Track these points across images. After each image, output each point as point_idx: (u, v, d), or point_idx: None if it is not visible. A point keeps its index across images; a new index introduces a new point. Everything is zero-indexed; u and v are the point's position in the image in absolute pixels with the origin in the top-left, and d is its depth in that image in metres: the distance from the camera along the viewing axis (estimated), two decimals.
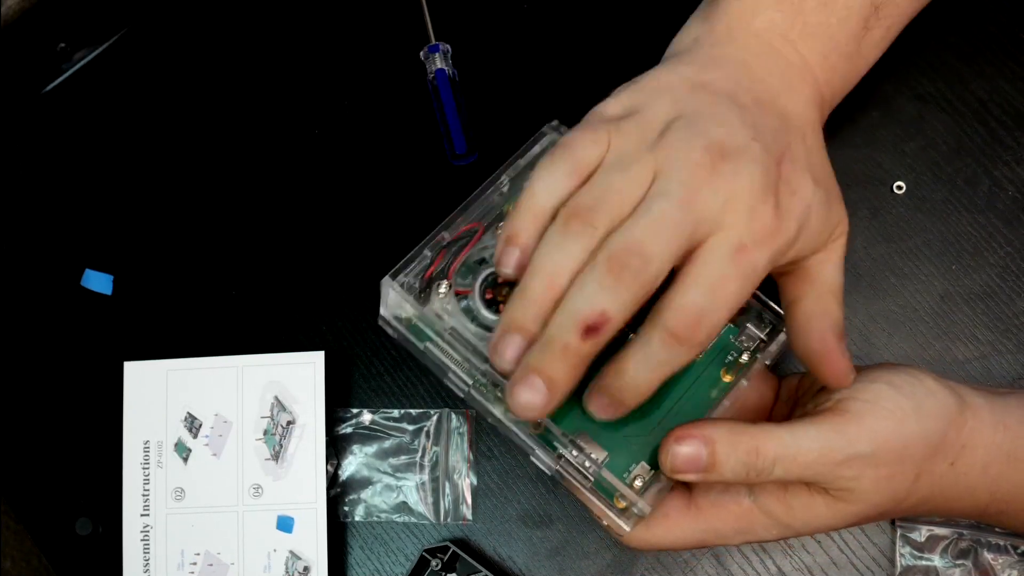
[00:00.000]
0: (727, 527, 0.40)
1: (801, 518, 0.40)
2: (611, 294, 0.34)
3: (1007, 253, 0.54)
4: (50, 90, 0.60)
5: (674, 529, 0.40)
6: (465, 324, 0.40)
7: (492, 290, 0.40)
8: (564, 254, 0.35)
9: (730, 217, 0.35)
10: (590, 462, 0.39)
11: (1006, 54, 0.55)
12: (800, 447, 0.38)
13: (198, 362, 0.54)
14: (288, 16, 0.60)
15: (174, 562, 0.52)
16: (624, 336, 0.37)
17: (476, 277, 0.41)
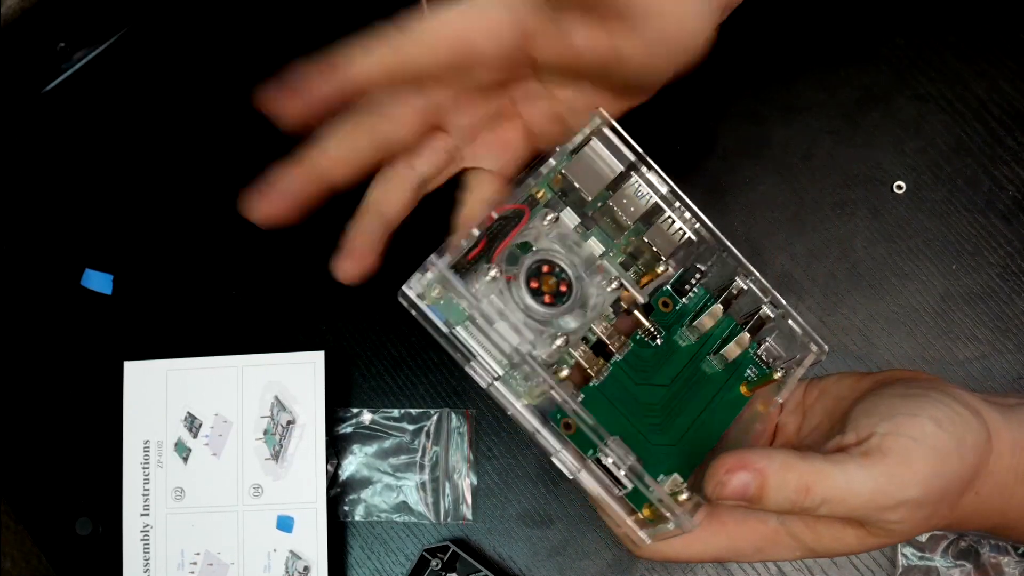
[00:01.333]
0: (748, 545, 0.39)
1: (827, 545, 0.39)
2: None
3: (1007, 253, 0.54)
4: (50, 90, 0.60)
5: (693, 544, 0.39)
6: (512, 311, 0.39)
7: (536, 279, 0.39)
8: None
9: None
10: (626, 468, 0.37)
11: (1006, 54, 0.55)
12: (851, 490, 0.36)
13: (198, 362, 0.54)
14: (288, 16, 0.60)
15: (174, 562, 0.52)
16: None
17: (521, 264, 0.39)
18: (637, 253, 0.41)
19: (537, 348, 0.38)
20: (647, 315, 0.40)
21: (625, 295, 0.40)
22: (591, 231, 0.41)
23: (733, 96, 0.56)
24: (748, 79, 0.56)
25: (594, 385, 0.39)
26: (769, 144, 0.56)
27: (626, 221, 0.40)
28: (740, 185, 0.55)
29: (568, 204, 0.40)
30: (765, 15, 0.57)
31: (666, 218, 0.41)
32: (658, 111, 0.47)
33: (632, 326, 0.40)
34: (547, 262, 0.39)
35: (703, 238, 0.41)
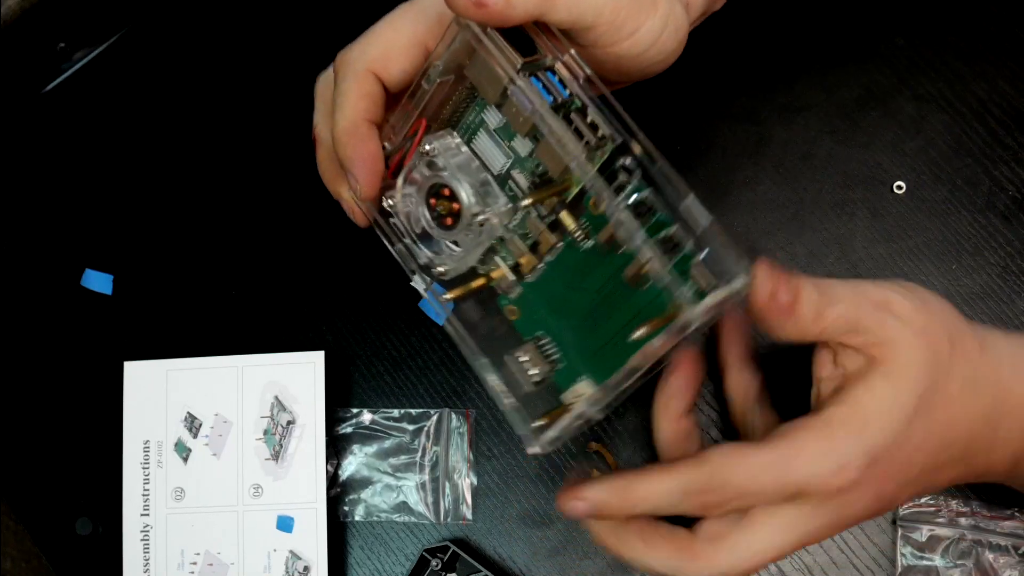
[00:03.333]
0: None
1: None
2: (315, 111, 0.45)
3: (1007, 253, 0.54)
4: (50, 90, 0.60)
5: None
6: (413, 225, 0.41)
7: (436, 199, 0.40)
8: None
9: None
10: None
11: (1006, 54, 0.55)
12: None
13: (198, 362, 0.54)
14: (288, 16, 0.60)
15: (174, 562, 0.52)
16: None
17: (421, 188, 0.40)
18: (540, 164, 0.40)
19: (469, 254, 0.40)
20: (576, 216, 0.40)
21: (548, 200, 0.40)
22: (515, 135, 0.40)
23: (733, 96, 0.56)
24: (748, 79, 0.56)
25: (528, 282, 0.42)
26: (769, 144, 0.56)
27: (524, 127, 0.39)
28: (740, 185, 0.55)
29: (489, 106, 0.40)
30: (765, 15, 0.57)
31: (555, 126, 0.37)
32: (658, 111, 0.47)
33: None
34: (441, 185, 0.40)
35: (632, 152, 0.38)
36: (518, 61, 0.38)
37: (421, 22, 0.41)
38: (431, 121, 0.41)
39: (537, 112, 0.37)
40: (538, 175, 0.40)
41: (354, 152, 0.41)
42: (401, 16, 0.42)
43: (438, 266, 0.41)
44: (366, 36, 0.42)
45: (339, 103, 0.41)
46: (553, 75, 0.38)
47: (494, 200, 0.40)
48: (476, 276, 0.43)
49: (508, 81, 0.38)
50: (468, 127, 0.41)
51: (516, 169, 0.40)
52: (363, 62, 0.41)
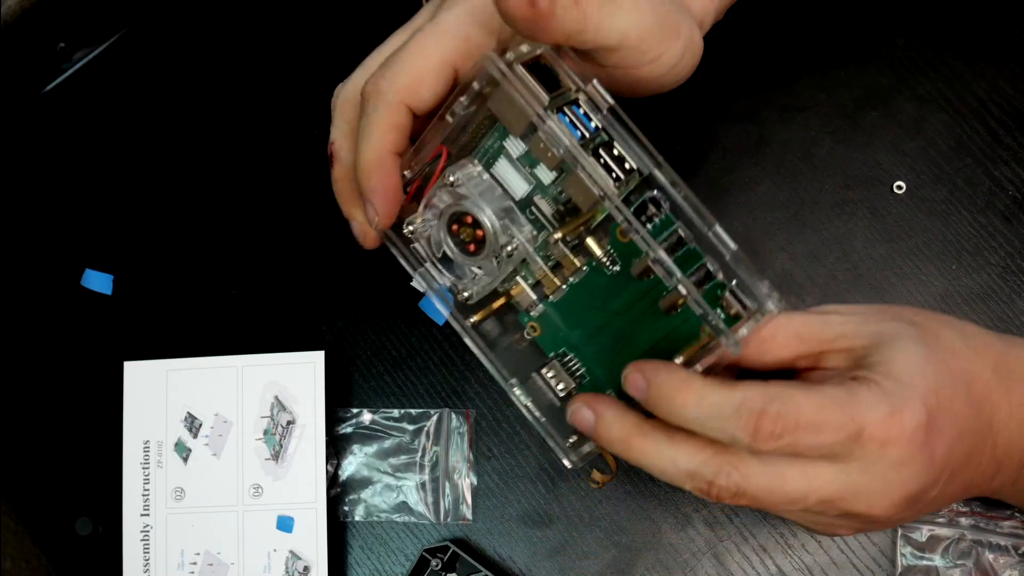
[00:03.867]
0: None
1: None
2: (332, 125, 0.44)
3: (1007, 253, 0.54)
4: (50, 90, 0.60)
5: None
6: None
7: (457, 224, 0.41)
8: None
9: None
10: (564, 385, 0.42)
11: (1006, 54, 0.55)
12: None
13: (198, 362, 0.54)
14: (288, 16, 0.60)
15: (174, 562, 0.52)
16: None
17: (442, 214, 0.41)
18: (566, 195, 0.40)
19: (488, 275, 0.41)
20: (602, 241, 0.40)
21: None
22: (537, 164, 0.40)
23: (733, 96, 0.56)
24: (748, 79, 0.56)
25: (550, 301, 0.42)
26: (769, 144, 0.56)
27: (552, 162, 0.39)
28: (740, 185, 0.55)
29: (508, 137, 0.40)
30: (765, 15, 0.57)
31: (586, 165, 0.37)
32: (658, 111, 0.47)
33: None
34: (463, 213, 0.40)
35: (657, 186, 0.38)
36: (545, 98, 0.37)
37: (448, 43, 0.41)
38: (449, 144, 0.41)
39: (569, 152, 0.37)
40: (562, 202, 0.40)
41: (378, 184, 0.41)
42: (427, 40, 0.41)
43: (462, 291, 0.42)
44: (395, 64, 0.41)
45: (366, 132, 0.41)
46: (577, 107, 0.38)
47: (519, 227, 0.40)
48: (497, 295, 0.43)
49: (536, 118, 0.37)
50: (488, 152, 0.41)
51: (539, 195, 0.40)
52: (394, 93, 0.40)
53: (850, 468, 0.37)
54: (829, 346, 0.41)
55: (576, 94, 0.38)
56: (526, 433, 0.54)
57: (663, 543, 0.52)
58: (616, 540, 0.53)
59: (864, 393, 0.37)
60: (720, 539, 0.52)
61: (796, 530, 0.52)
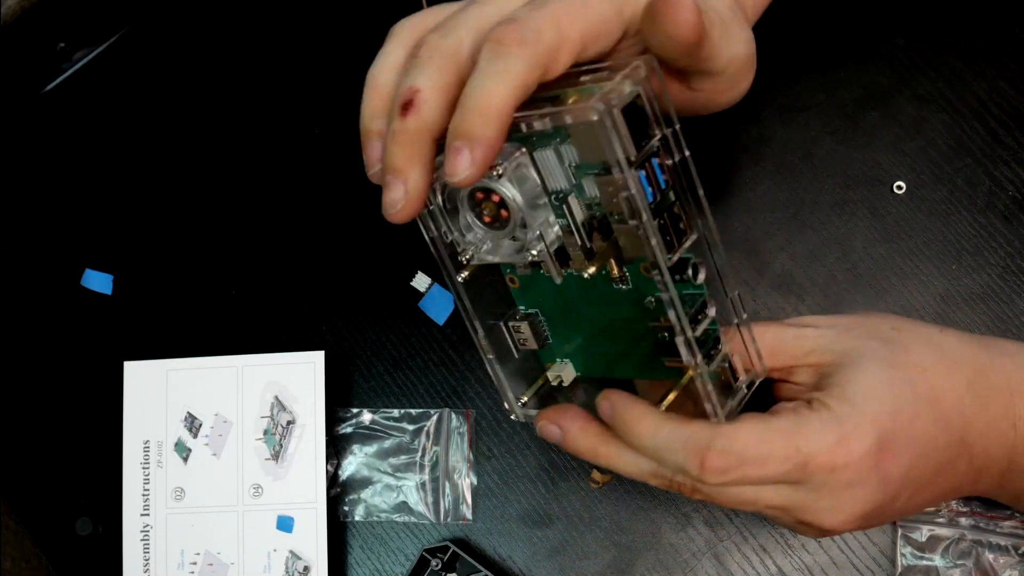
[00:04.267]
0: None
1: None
2: (418, 71, 0.36)
3: (1007, 253, 0.54)
4: (50, 90, 0.60)
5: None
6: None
7: (483, 194, 0.39)
8: (385, 57, 0.39)
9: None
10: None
11: (1006, 54, 0.55)
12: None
13: (198, 362, 0.54)
14: (288, 16, 0.60)
15: (174, 562, 0.52)
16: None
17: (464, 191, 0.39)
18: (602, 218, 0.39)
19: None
20: (621, 265, 0.40)
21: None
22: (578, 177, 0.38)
23: None
24: None
25: (541, 272, 0.41)
26: (769, 144, 0.56)
27: (614, 206, 0.37)
28: (740, 185, 0.55)
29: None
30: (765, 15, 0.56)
31: (649, 229, 0.36)
32: None
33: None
34: (491, 191, 0.38)
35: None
36: (633, 154, 0.35)
37: (591, 17, 0.37)
38: None
39: (638, 213, 0.36)
40: (597, 216, 0.38)
41: (496, 134, 0.34)
42: (573, 7, 0.36)
43: (462, 250, 0.40)
44: (539, 19, 0.35)
45: (499, 76, 0.34)
46: (656, 160, 0.37)
47: (546, 226, 0.39)
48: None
49: (617, 171, 0.35)
50: (541, 138, 0.38)
51: (574, 195, 0.38)
52: (543, 46, 0.35)
53: (799, 488, 0.39)
54: (800, 361, 0.42)
55: (658, 142, 0.37)
56: (526, 433, 0.54)
57: (663, 543, 0.52)
58: (616, 540, 0.53)
59: (813, 421, 0.38)
60: (720, 539, 0.52)
61: None
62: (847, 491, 0.39)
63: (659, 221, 0.37)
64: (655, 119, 0.36)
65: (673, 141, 0.37)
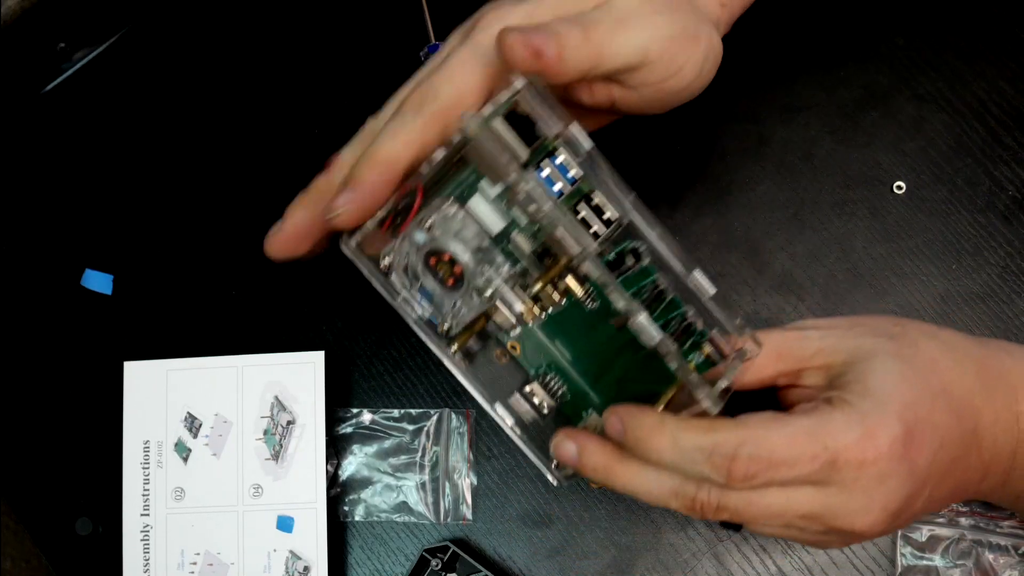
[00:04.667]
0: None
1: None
2: (347, 146, 0.43)
3: (1007, 253, 0.54)
4: (50, 90, 0.60)
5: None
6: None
7: (436, 257, 0.39)
8: None
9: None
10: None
11: (1006, 54, 0.55)
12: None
13: (198, 362, 0.54)
14: (288, 16, 0.60)
15: (174, 562, 0.52)
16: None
17: (419, 252, 0.39)
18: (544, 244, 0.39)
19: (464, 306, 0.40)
20: (582, 281, 0.40)
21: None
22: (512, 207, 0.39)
23: (733, 96, 0.56)
24: (748, 79, 0.56)
25: (529, 326, 0.42)
26: (769, 144, 0.56)
27: (531, 215, 0.38)
28: (740, 185, 0.55)
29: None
30: (765, 15, 0.57)
31: (565, 224, 0.37)
32: None
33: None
34: (440, 251, 0.39)
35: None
36: (523, 156, 0.37)
37: (489, 64, 0.40)
38: (425, 180, 0.39)
39: (546, 215, 0.37)
40: (540, 241, 0.39)
41: (378, 179, 0.39)
42: (469, 60, 0.40)
43: (443, 323, 0.41)
44: (437, 79, 0.40)
45: (391, 132, 0.39)
46: (556, 158, 0.38)
47: (496, 267, 0.39)
48: (476, 317, 0.42)
49: (512, 178, 0.37)
50: (464, 184, 0.40)
51: (516, 231, 0.39)
52: (437, 103, 0.39)
53: (830, 490, 0.38)
54: (808, 363, 0.41)
55: (556, 141, 0.38)
56: None
57: (663, 543, 0.52)
58: (616, 540, 0.53)
59: (836, 418, 0.38)
60: (720, 539, 0.52)
61: None
62: (879, 486, 0.38)
63: (579, 216, 0.37)
64: (545, 121, 0.38)
65: (576, 139, 0.38)
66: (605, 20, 0.40)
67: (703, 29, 0.43)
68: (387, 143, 0.39)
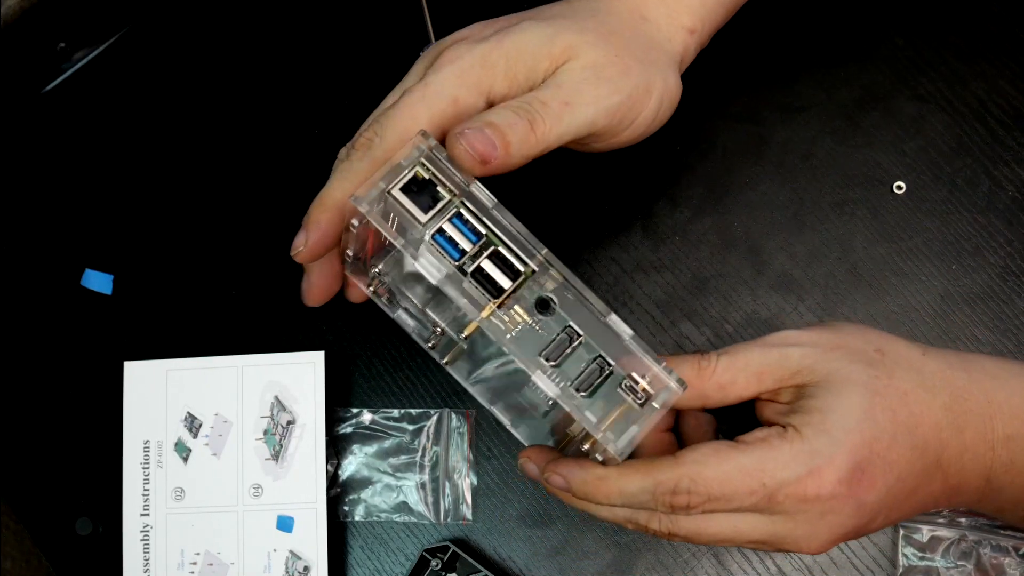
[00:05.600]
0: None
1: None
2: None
3: (1007, 253, 0.54)
4: (50, 90, 0.60)
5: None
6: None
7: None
8: None
9: None
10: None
11: (1006, 54, 0.55)
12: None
13: (198, 362, 0.54)
14: (288, 16, 0.60)
15: (174, 562, 0.52)
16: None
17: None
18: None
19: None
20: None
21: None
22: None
23: (733, 96, 0.56)
24: (748, 79, 0.56)
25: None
26: (769, 144, 0.56)
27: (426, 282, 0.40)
28: (740, 185, 0.55)
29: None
30: (765, 15, 0.57)
31: (454, 297, 0.38)
32: None
33: None
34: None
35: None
36: (419, 225, 0.38)
37: (437, 106, 0.41)
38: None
39: (437, 287, 0.38)
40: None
41: (325, 225, 0.41)
42: (417, 102, 0.42)
43: (429, 340, 0.43)
44: (385, 121, 0.42)
45: (341, 175, 0.42)
46: (459, 220, 0.39)
47: (441, 311, 0.42)
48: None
49: (409, 255, 0.39)
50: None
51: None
52: (382, 150, 0.41)
53: (775, 518, 0.40)
54: (786, 383, 0.41)
55: (458, 201, 0.39)
56: None
57: (663, 543, 0.52)
58: (616, 540, 0.53)
59: (783, 453, 0.39)
60: None
61: None
62: (822, 519, 0.39)
63: (484, 275, 0.38)
64: (445, 183, 0.39)
65: (479, 198, 0.39)
66: (551, 104, 0.41)
67: (656, 79, 0.44)
68: (335, 187, 0.42)
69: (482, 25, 0.45)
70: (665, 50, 0.46)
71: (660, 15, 0.46)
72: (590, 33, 0.43)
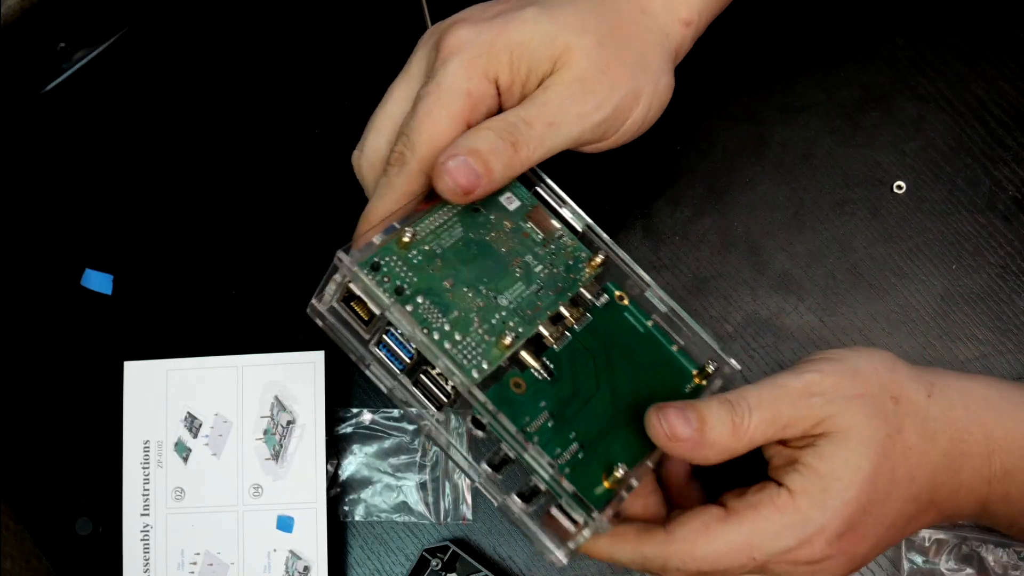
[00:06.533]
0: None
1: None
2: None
3: (1007, 253, 0.54)
4: (50, 90, 0.60)
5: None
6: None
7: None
8: None
9: None
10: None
11: (1006, 54, 0.55)
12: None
13: (198, 362, 0.54)
14: (288, 16, 0.60)
15: (174, 562, 0.52)
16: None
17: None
18: None
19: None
20: (537, 355, 0.41)
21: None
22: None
23: (733, 96, 0.56)
24: (748, 79, 0.56)
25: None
26: (769, 144, 0.56)
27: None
28: (740, 185, 0.55)
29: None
30: (765, 15, 0.57)
31: (404, 408, 0.41)
32: None
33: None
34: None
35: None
36: (364, 335, 0.40)
37: (455, 104, 0.42)
38: None
39: (391, 393, 0.40)
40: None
41: (371, 234, 0.42)
42: (434, 105, 0.42)
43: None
44: (411, 132, 0.42)
45: (381, 193, 0.42)
46: (391, 333, 0.40)
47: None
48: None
49: (362, 366, 0.40)
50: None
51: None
52: (416, 157, 0.41)
53: (768, 574, 0.40)
54: (810, 432, 0.40)
55: (389, 313, 0.39)
56: None
57: None
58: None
59: (773, 524, 0.39)
60: None
61: None
62: (812, 573, 0.40)
63: (419, 385, 0.40)
64: (374, 299, 0.39)
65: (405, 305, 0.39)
66: (536, 125, 0.41)
67: (645, 86, 0.44)
68: (379, 204, 0.42)
69: (482, 7, 0.44)
70: (662, 45, 0.46)
71: (658, 8, 0.46)
72: (590, 35, 0.42)
